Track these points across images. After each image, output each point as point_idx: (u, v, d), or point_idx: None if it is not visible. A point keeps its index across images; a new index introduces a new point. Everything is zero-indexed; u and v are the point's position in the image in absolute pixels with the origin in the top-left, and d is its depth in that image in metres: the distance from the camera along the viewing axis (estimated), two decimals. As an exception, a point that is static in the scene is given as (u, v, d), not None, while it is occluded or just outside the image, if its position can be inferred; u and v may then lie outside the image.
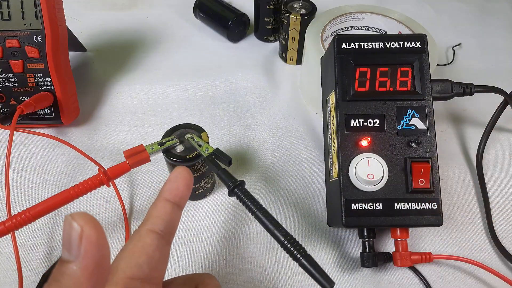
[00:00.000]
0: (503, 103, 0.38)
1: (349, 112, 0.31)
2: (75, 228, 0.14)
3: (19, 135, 0.39)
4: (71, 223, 0.14)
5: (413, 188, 0.29)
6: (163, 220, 0.21)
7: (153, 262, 0.20)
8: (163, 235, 0.21)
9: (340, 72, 0.31)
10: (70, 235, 0.15)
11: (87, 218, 0.15)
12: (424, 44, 0.31)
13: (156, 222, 0.21)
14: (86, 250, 0.15)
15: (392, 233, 0.32)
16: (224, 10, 0.53)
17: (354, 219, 0.29)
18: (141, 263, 0.20)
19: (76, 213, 0.15)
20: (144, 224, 0.21)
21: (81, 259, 0.15)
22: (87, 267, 0.15)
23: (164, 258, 0.21)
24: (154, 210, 0.22)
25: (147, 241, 0.21)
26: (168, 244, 0.22)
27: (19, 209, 0.27)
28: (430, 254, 0.32)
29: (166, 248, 0.22)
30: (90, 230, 0.15)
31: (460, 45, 0.55)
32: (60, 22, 0.39)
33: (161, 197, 0.22)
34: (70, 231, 0.14)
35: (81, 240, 0.14)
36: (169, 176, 0.23)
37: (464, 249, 0.35)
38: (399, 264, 0.31)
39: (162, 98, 0.46)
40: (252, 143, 0.42)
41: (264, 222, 0.24)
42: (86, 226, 0.14)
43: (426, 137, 0.30)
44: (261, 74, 0.50)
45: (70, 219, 0.15)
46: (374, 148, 0.30)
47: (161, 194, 0.22)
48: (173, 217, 0.22)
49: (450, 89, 0.32)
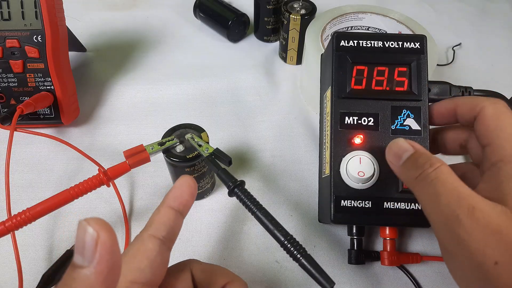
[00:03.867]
0: None
1: (344, 109, 0.31)
2: (90, 234, 0.14)
3: (19, 135, 0.39)
4: (86, 228, 0.14)
5: (403, 188, 0.29)
6: (166, 227, 0.22)
7: (154, 267, 0.21)
8: (164, 241, 0.22)
9: (337, 69, 0.31)
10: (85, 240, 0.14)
11: (102, 223, 0.15)
12: (423, 45, 0.31)
13: (158, 228, 0.22)
14: (101, 255, 0.14)
15: (381, 232, 0.32)
16: (224, 10, 0.53)
17: (342, 216, 0.29)
18: (143, 268, 0.20)
19: (91, 219, 0.15)
20: (146, 229, 0.22)
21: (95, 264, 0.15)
22: (102, 272, 0.15)
23: (164, 263, 0.22)
24: (157, 216, 0.22)
25: (149, 246, 0.21)
26: (168, 250, 0.22)
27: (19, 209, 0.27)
28: (418, 255, 0.33)
29: (166, 254, 0.22)
30: (106, 236, 0.14)
31: (460, 45, 0.56)
32: (60, 22, 0.39)
33: (165, 203, 0.23)
34: (84, 236, 0.14)
35: (96, 246, 0.14)
36: (174, 184, 0.23)
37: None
38: (386, 263, 0.32)
39: (162, 98, 0.46)
40: (252, 143, 0.42)
41: (264, 222, 0.24)
42: (102, 231, 0.14)
43: (420, 138, 0.30)
44: (261, 74, 0.50)
45: (85, 224, 0.14)
46: (366, 146, 0.30)
47: (165, 201, 0.23)
48: (175, 224, 0.22)
49: (449, 92, 0.32)
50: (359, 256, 0.32)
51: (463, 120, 0.29)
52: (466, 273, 0.22)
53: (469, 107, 0.28)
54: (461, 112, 0.29)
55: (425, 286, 0.33)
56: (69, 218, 0.36)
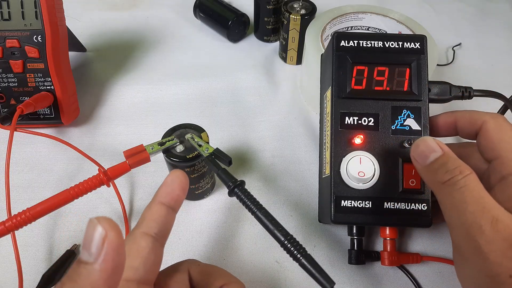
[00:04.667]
0: (503, 108, 0.38)
1: (344, 109, 0.31)
2: (99, 231, 0.15)
3: (19, 135, 0.39)
4: (96, 226, 0.15)
5: (404, 188, 0.29)
6: (158, 223, 0.22)
7: (148, 264, 0.21)
8: (157, 238, 0.21)
9: (338, 69, 0.31)
10: (93, 237, 0.15)
11: (112, 223, 0.15)
12: (423, 45, 0.31)
13: (150, 225, 0.21)
14: (107, 253, 0.15)
15: (381, 232, 0.32)
16: (224, 10, 0.53)
17: (342, 216, 0.29)
18: (137, 266, 0.20)
19: (101, 217, 0.15)
20: (138, 226, 0.22)
21: (100, 261, 0.15)
22: (106, 270, 0.15)
23: (158, 260, 0.22)
24: (148, 213, 0.22)
25: (142, 244, 0.21)
26: (161, 247, 0.22)
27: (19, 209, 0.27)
28: (418, 255, 0.33)
29: (160, 251, 0.22)
30: (114, 235, 0.15)
31: (460, 45, 0.56)
32: (60, 22, 0.39)
33: (156, 200, 0.22)
34: (93, 233, 0.15)
35: (103, 243, 0.15)
36: (165, 179, 0.23)
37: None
38: (386, 264, 0.32)
39: (162, 98, 0.46)
40: (252, 143, 0.42)
41: (264, 222, 0.24)
42: (110, 231, 0.15)
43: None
44: (261, 74, 0.50)
45: (96, 222, 0.15)
46: (367, 146, 0.30)
47: (156, 197, 0.22)
48: (167, 220, 0.22)
49: (449, 92, 0.32)
50: (359, 256, 0.32)
51: (464, 134, 0.29)
52: (478, 281, 0.23)
53: (469, 121, 0.28)
54: (461, 126, 0.29)
55: (425, 286, 0.33)
56: (69, 218, 0.36)
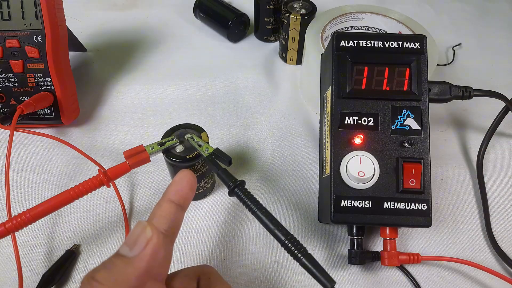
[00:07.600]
0: (504, 109, 0.37)
1: (344, 109, 0.31)
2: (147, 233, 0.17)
3: (19, 135, 0.39)
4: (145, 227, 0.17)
5: (404, 188, 0.29)
6: (168, 220, 0.22)
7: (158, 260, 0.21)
8: (167, 235, 0.21)
9: (337, 69, 0.31)
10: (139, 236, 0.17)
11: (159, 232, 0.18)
12: (423, 45, 0.31)
13: (161, 222, 0.22)
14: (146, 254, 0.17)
15: (381, 232, 0.32)
16: (224, 10, 0.53)
17: (342, 216, 0.29)
18: None
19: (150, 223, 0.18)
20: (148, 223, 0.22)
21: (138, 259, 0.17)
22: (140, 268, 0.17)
23: (168, 256, 0.22)
24: (159, 210, 0.22)
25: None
26: (171, 243, 0.22)
27: (19, 209, 0.27)
28: (418, 255, 0.33)
29: (169, 247, 0.22)
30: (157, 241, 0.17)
31: (460, 45, 0.56)
32: (60, 22, 0.39)
33: (166, 197, 0.23)
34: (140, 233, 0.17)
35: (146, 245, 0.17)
36: (174, 178, 0.23)
37: (460, 249, 0.35)
38: (386, 263, 0.32)
39: (162, 98, 0.46)
40: (252, 143, 0.42)
41: (265, 221, 0.24)
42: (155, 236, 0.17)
43: (420, 138, 0.30)
44: (261, 74, 0.50)
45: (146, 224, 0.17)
46: (366, 146, 0.30)
47: (166, 195, 0.23)
48: (177, 218, 0.22)
49: (449, 92, 0.32)
50: (359, 256, 0.32)
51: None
52: None
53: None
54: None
55: (425, 286, 0.33)
56: (69, 218, 0.36)
